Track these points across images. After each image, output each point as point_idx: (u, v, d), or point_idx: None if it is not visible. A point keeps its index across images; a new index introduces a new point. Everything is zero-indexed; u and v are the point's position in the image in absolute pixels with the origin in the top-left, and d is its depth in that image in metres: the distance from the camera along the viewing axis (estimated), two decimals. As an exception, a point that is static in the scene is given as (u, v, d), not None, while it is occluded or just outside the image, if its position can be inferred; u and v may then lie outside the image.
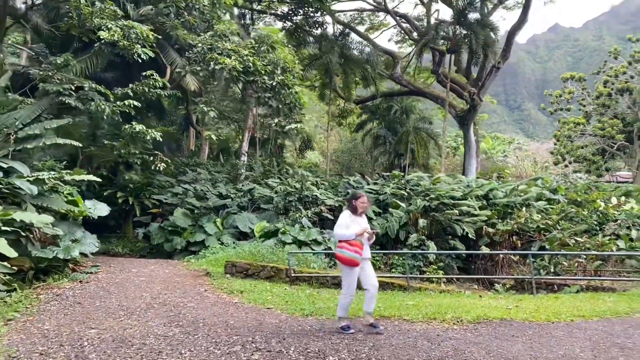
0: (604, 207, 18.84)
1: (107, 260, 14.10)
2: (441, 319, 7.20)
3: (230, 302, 9.07)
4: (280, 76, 15.62)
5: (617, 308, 8.11)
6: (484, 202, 17.60)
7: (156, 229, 17.19)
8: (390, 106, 40.21)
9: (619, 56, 48.29)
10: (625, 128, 46.19)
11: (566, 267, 15.49)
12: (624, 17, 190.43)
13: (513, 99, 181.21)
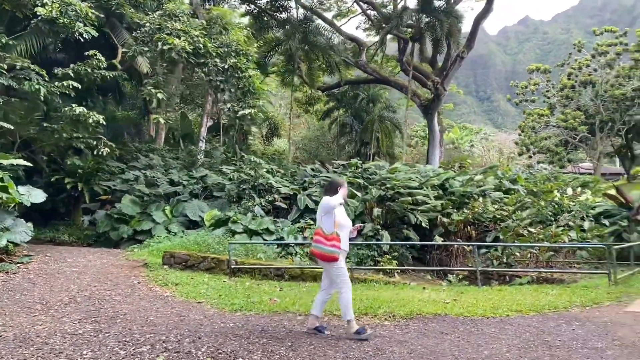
0: (559, 197, 18.90)
1: (45, 250, 13.38)
2: (373, 314, 6.88)
3: (161, 296, 8.59)
4: (233, 59, 15.01)
5: (557, 302, 7.94)
6: (440, 192, 17.43)
7: (102, 216, 16.49)
8: (357, 94, 39.89)
9: (583, 49, 48.90)
10: (588, 120, 46.90)
11: (519, 258, 15.45)
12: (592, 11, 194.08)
13: (483, 90, 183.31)
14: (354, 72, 39.56)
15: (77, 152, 19.29)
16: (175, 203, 16.68)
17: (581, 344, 5.59)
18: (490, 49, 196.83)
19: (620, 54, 46.00)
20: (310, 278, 10.62)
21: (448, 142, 57.49)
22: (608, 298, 8.55)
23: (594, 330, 6.25)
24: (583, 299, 8.27)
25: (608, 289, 9.30)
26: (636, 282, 10.13)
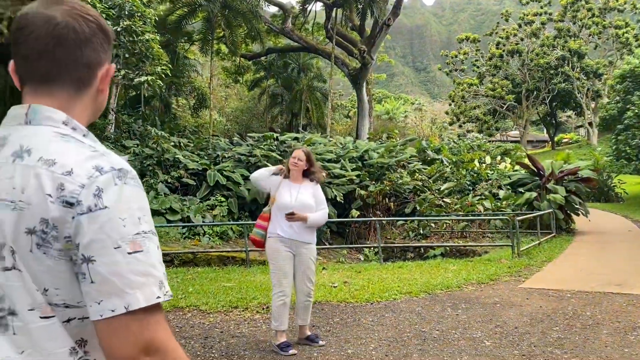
0: (478, 167, 18.81)
1: None
2: (244, 307, 6.10)
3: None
4: (126, 21, 13.57)
5: (453, 280, 7.46)
6: (359, 164, 16.85)
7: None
8: (287, 63, 38.64)
9: (510, 18, 49.60)
10: (515, 89, 47.95)
11: (434, 229, 15.19)
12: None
13: (420, 61, 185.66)
14: (284, 40, 38.28)
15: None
16: (72, 182, 15.25)
17: (459, 334, 5.04)
18: (426, 19, 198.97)
19: (545, 23, 47.02)
20: (204, 263, 9.76)
21: (383, 112, 57.51)
22: (508, 272, 8.21)
23: (480, 314, 5.74)
24: (481, 275, 7.86)
25: (511, 262, 8.98)
26: (540, 253, 9.92)
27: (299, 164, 4.73)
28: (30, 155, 0.91)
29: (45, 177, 0.88)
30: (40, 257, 0.88)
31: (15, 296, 0.89)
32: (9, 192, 0.89)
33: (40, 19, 0.95)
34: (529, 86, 46.77)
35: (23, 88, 1.01)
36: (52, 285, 0.89)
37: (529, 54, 46.75)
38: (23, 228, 0.88)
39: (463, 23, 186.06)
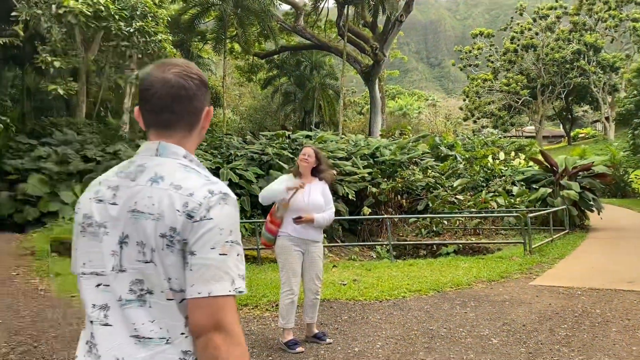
0: (491, 163, 18.71)
1: None
2: (254, 305, 6.18)
3: (34, 290, 7.65)
4: (139, 22, 13.73)
5: (463, 277, 7.46)
6: (370, 161, 16.84)
7: (5, 198, 15.12)
8: (300, 61, 38.71)
9: (525, 12, 49.06)
10: (530, 84, 47.43)
11: (447, 226, 15.15)
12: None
13: (434, 56, 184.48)
14: (297, 39, 38.35)
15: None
16: (87, 181, 15.44)
17: (467, 332, 5.06)
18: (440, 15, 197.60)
19: (560, 17, 46.41)
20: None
21: (396, 109, 57.33)
22: (519, 270, 8.18)
23: (488, 312, 5.75)
24: (492, 272, 7.85)
25: (522, 259, 8.95)
26: (552, 250, 9.86)
27: (309, 160, 4.77)
28: (163, 181, 1.26)
29: (175, 197, 1.23)
30: (168, 254, 1.22)
31: (151, 281, 1.24)
32: (149, 207, 1.23)
33: (159, 82, 1.30)
34: (544, 81, 46.24)
35: (148, 130, 1.37)
36: (174, 275, 1.23)
37: (544, 48, 46.21)
38: (158, 233, 1.22)
39: (477, 18, 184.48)
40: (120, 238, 1.26)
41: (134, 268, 1.25)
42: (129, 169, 1.34)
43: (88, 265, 1.31)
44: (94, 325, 1.27)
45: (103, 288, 1.28)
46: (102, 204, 1.31)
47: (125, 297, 1.25)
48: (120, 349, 1.24)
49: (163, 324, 1.24)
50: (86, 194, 1.37)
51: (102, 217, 1.30)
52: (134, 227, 1.25)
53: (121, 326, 1.25)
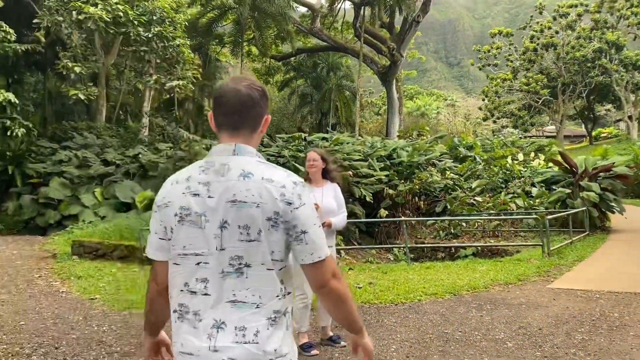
0: (510, 164, 18.52)
1: (-45, 241, 12.38)
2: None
3: (55, 292, 7.80)
4: (157, 27, 13.92)
5: (480, 281, 7.41)
6: (387, 163, 16.79)
7: (28, 201, 15.46)
8: (316, 63, 38.77)
9: (544, 11, 48.44)
10: (550, 83, 46.81)
11: (466, 228, 15.05)
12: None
13: (453, 56, 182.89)
14: (313, 41, 38.43)
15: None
16: (107, 184, 15.72)
17: (482, 335, 5.04)
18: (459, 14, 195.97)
19: (581, 15, 45.71)
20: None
21: (415, 109, 57.00)
22: (537, 272, 8.10)
23: (504, 315, 5.71)
24: (509, 275, 7.78)
25: (540, 262, 8.85)
26: (571, 253, 9.73)
27: (315, 164, 4.76)
28: (254, 176, 1.59)
29: (271, 189, 1.57)
30: (273, 233, 1.57)
31: (251, 256, 1.56)
32: (250, 197, 1.56)
33: (232, 91, 1.65)
34: (565, 80, 45.58)
35: (219, 131, 1.69)
36: (277, 249, 1.59)
37: (564, 47, 45.56)
38: (265, 217, 1.55)
39: (497, 17, 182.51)
40: (220, 223, 1.58)
41: (234, 246, 1.57)
42: (212, 168, 1.64)
43: (189, 247, 1.62)
44: (196, 295, 1.60)
45: (203, 265, 1.59)
46: (200, 197, 1.61)
47: (225, 270, 1.57)
48: (218, 312, 1.57)
49: (256, 292, 1.57)
50: (174, 188, 1.67)
51: (201, 208, 1.60)
52: (236, 214, 1.57)
53: (219, 294, 1.57)
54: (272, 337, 1.58)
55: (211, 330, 1.57)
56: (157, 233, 1.71)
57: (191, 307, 1.61)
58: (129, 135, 19.97)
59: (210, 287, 1.59)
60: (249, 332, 1.56)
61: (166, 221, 1.67)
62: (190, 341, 1.59)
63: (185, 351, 1.61)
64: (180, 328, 1.63)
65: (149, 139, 19.47)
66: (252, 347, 1.55)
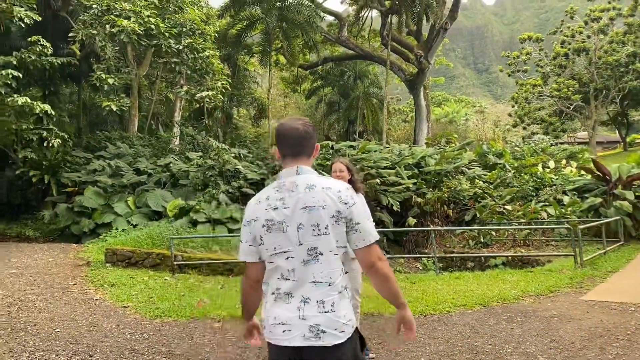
0: (541, 172, 18.21)
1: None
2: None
3: (89, 300, 8.00)
4: (188, 39, 14.21)
5: (510, 292, 7.31)
6: (415, 171, 16.72)
7: (64, 209, 15.88)
8: (343, 71, 38.90)
9: (575, 15, 47.55)
10: (582, 89, 45.85)
11: (495, 237, 14.84)
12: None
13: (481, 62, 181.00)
14: (340, 49, 38.57)
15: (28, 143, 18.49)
16: (139, 193, 16.04)
17: (513, 348, 4.97)
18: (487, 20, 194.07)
19: (613, 19, 44.73)
20: (261, 271, 10.02)
21: (442, 116, 56.54)
22: (569, 283, 7.94)
23: (536, 328, 5.62)
24: (540, 286, 7.65)
25: (573, 273, 8.68)
26: (605, 263, 9.51)
27: (342, 175, 4.70)
28: (316, 187, 2.23)
29: (331, 194, 2.21)
30: (337, 226, 2.21)
31: (322, 245, 2.20)
32: (316, 202, 2.20)
33: (292, 129, 2.32)
34: (598, 85, 44.57)
35: (284, 158, 2.34)
36: (340, 238, 2.23)
37: (596, 51, 44.61)
38: (329, 215, 2.19)
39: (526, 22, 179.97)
40: (297, 225, 2.23)
41: (309, 241, 2.21)
42: (283, 188, 2.29)
43: (278, 247, 2.26)
44: (286, 281, 2.25)
45: (290, 258, 2.24)
46: (278, 210, 2.26)
47: (305, 259, 2.22)
48: (304, 291, 2.21)
49: (327, 273, 2.21)
50: (260, 207, 2.31)
51: (281, 217, 2.25)
52: (308, 217, 2.21)
53: (304, 278, 2.22)
54: (342, 306, 2.22)
55: (299, 304, 2.21)
56: (248, 241, 2.35)
57: (283, 289, 2.25)
58: (160, 145, 20.35)
59: (297, 273, 2.24)
60: (327, 304, 2.20)
61: (255, 232, 2.31)
62: (283, 314, 2.22)
63: (278, 322, 2.23)
64: (275, 305, 2.26)
65: (180, 148, 19.80)
66: (330, 315, 2.19)
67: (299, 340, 2.18)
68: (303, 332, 2.18)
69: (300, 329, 2.18)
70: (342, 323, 2.19)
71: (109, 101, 14.34)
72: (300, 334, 2.18)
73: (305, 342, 2.17)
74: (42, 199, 19.04)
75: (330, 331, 2.17)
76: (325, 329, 2.17)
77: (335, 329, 2.18)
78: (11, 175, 18.67)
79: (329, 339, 2.17)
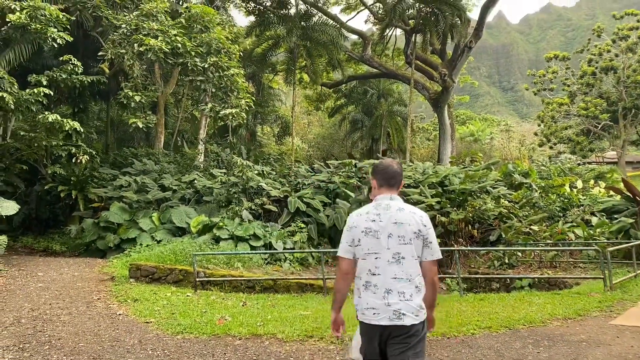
0: (568, 192, 17.85)
1: (22, 262, 13.05)
2: (319, 337, 6.20)
3: (113, 315, 8.07)
4: (213, 57, 14.45)
5: (536, 314, 7.13)
6: (439, 190, 16.56)
7: (90, 225, 16.13)
8: (366, 89, 39.01)
9: (603, 34, 47.00)
10: (610, 107, 45.10)
11: (521, 258, 14.55)
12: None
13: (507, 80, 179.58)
14: (364, 67, 38.74)
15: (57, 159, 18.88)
16: (164, 209, 16.21)
17: (539, 374, 4.83)
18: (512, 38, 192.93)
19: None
20: (283, 289, 10.00)
21: (467, 134, 56.11)
22: (598, 307, 7.70)
23: (563, 353, 5.46)
24: (568, 309, 7.45)
25: (602, 296, 8.43)
26: (636, 287, 9.20)
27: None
28: (405, 210, 3.21)
29: (415, 216, 3.19)
30: (416, 240, 3.16)
31: (405, 251, 3.13)
32: (404, 220, 3.15)
33: (389, 167, 3.33)
34: (626, 104, 43.76)
35: (379, 187, 3.31)
36: (417, 249, 3.17)
37: (625, 70, 43.90)
38: (412, 231, 3.14)
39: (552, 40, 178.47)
40: (387, 235, 3.12)
41: (395, 247, 3.11)
42: (380, 207, 3.22)
43: (370, 249, 3.15)
44: (374, 275, 3.13)
45: (378, 258, 3.13)
46: (375, 222, 3.17)
47: (390, 260, 3.11)
48: (387, 284, 3.10)
49: (407, 272, 3.10)
50: (361, 218, 3.23)
51: (376, 227, 3.16)
52: (396, 229, 3.12)
53: (387, 274, 3.11)
54: (417, 298, 3.13)
55: (384, 294, 3.10)
56: (347, 242, 3.26)
57: (372, 282, 3.15)
58: (185, 162, 20.61)
59: (382, 270, 3.14)
60: (406, 294, 3.10)
61: (355, 235, 3.23)
62: (372, 301, 3.12)
63: (369, 307, 3.13)
64: (365, 294, 3.16)
65: (204, 165, 20.01)
66: (409, 302, 3.10)
67: (386, 321, 3.08)
68: (388, 315, 3.08)
69: (386, 312, 3.08)
70: (417, 309, 3.11)
71: (136, 118, 14.57)
72: (387, 316, 3.08)
73: (390, 322, 3.08)
74: (70, 213, 19.39)
75: (409, 314, 3.07)
76: (405, 313, 3.07)
77: (412, 313, 3.08)
78: (40, 190, 19.06)
79: (408, 320, 3.07)
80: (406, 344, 3.07)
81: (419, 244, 3.13)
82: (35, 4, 12.50)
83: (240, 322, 7.07)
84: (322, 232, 15.91)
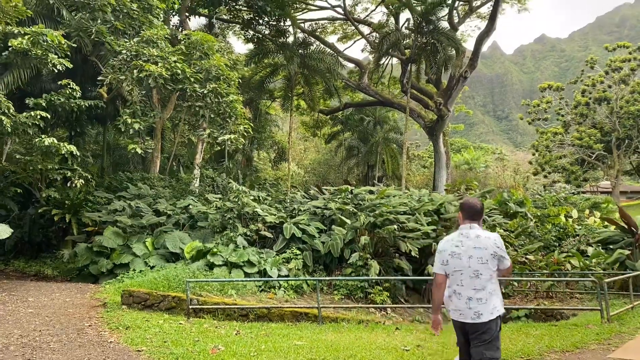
0: (564, 222, 17.88)
1: (12, 287, 12.87)
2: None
3: (104, 343, 7.92)
4: (212, 84, 14.55)
5: (534, 347, 7.05)
6: (435, 217, 16.54)
7: (83, 249, 15.96)
8: (363, 117, 39.34)
9: (596, 65, 47.75)
10: (604, 138, 45.55)
11: (517, 288, 14.49)
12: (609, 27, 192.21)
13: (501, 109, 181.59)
14: (361, 95, 39.15)
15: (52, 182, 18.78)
16: (158, 234, 16.09)
17: (538, 409, 4.74)
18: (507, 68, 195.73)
19: (634, 69, 44.77)
20: (277, 318, 9.87)
21: (462, 162, 56.42)
22: (596, 339, 7.63)
23: (562, 387, 5.38)
24: (565, 342, 7.37)
25: (599, 328, 8.35)
26: (633, 319, 9.13)
27: None
28: (481, 236, 4.47)
29: (491, 241, 4.45)
30: (492, 260, 4.42)
31: (482, 270, 4.39)
32: (482, 244, 4.43)
33: (473, 203, 4.59)
34: (620, 135, 44.26)
35: (464, 220, 4.59)
36: (492, 266, 4.42)
37: (618, 101, 44.52)
38: (489, 253, 4.41)
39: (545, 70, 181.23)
40: (468, 256, 4.40)
41: (474, 266, 4.36)
42: (462, 235, 4.48)
43: (455, 268, 4.41)
44: (459, 286, 4.40)
45: (462, 274, 4.39)
46: (459, 247, 4.45)
47: (471, 275, 4.36)
48: (468, 292, 4.36)
49: (483, 284, 4.33)
50: (448, 244, 4.54)
51: (459, 251, 4.43)
52: (476, 252, 4.38)
53: (469, 285, 4.37)
54: (492, 301, 4.30)
55: (467, 300, 4.31)
56: (439, 262, 4.54)
57: (457, 291, 4.38)
58: (180, 186, 20.54)
59: (465, 283, 4.33)
60: (483, 299, 4.28)
61: (444, 257, 4.48)
62: (458, 304, 4.37)
63: (455, 308, 4.41)
64: (453, 299, 4.40)
65: (199, 190, 19.95)
66: (485, 305, 4.28)
67: (469, 319, 4.30)
68: (470, 315, 4.29)
69: (469, 313, 4.30)
70: (491, 309, 4.28)
71: (134, 144, 14.61)
72: (469, 316, 4.29)
73: (471, 320, 4.29)
74: (63, 237, 19.19)
75: (485, 314, 4.26)
76: (483, 313, 4.26)
77: (488, 312, 4.26)
78: (34, 213, 18.92)
79: (484, 318, 4.26)
80: (481, 339, 4.24)
81: (495, 262, 4.35)
82: (37, 30, 12.60)
83: (234, 351, 6.96)
84: (317, 259, 15.79)
